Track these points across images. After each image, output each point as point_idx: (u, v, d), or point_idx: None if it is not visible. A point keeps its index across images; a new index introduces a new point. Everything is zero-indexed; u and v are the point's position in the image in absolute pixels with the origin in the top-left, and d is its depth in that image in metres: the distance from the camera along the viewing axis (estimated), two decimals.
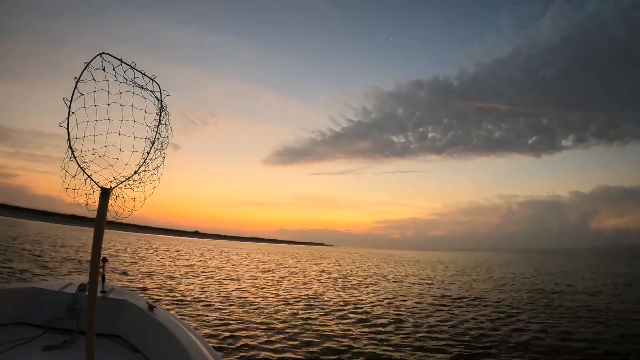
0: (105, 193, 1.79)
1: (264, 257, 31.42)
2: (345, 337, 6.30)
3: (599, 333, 7.26)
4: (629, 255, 72.35)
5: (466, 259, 52.00)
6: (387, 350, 5.78)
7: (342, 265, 26.43)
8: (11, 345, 2.38)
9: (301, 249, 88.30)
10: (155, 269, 14.52)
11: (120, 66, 1.76)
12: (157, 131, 1.94)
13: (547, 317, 8.78)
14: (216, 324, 6.54)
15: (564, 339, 6.79)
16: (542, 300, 11.47)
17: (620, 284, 16.96)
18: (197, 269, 15.94)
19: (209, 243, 76.56)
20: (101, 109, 1.75)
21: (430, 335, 6.71)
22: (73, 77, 1.68)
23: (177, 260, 20.24)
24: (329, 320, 7.53)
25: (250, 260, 25.26)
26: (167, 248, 34.32)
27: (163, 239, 77.05)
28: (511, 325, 7.80)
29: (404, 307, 9.56)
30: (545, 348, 6.18)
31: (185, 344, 2.20)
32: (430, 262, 39.26)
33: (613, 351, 6.12)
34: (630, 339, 6.84)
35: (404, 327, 7.35)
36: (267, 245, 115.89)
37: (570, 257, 61.20)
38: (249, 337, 5.92)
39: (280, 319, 7.28)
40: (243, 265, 20.94)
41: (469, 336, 6.74)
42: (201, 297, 9.10)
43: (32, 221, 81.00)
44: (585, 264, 37.13)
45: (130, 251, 23.64)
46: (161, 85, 1.94)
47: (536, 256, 74.33)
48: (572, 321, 8.35)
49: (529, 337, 6.74)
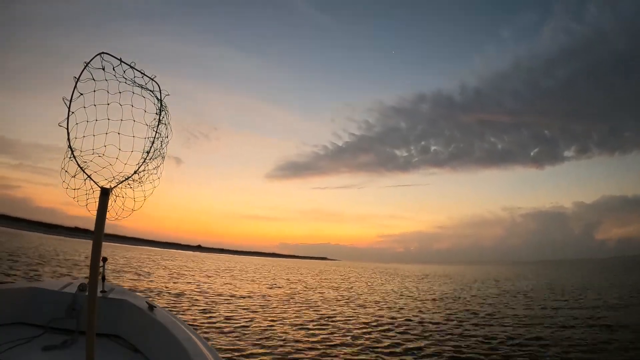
0: (105, 193, 1.79)
1: (281, 274, 28.76)
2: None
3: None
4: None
5: (479, 273, 49.83)
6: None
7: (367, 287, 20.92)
8: (11, 345, 2.37)
9: (304, 264, 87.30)
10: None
11: (120, 66, 1.77)
12: (157, 130, 1.94)
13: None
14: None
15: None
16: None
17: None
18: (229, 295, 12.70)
19: (213, 258, 75.95)
20: (101, 108, 1.77)
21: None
22: (73, 77, 1.70)
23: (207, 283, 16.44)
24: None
25: (273, 279, 22.51)
26: (177, 264, 32.97)
27: (167, 253, 76.66)
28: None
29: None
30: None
31: (185, 344, 2.19)
32: (448, 277, 36.07)
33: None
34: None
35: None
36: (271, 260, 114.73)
37: (583, 269, 59.51)
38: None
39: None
40: (264, 285, 17.94)
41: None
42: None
43: (35, 233, 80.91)
44: (602, 276, 34.92)
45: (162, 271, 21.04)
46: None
47: (545, 268, 72.44)
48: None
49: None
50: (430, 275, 41.55)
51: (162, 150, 1.97)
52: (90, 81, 1.72)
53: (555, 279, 31.02)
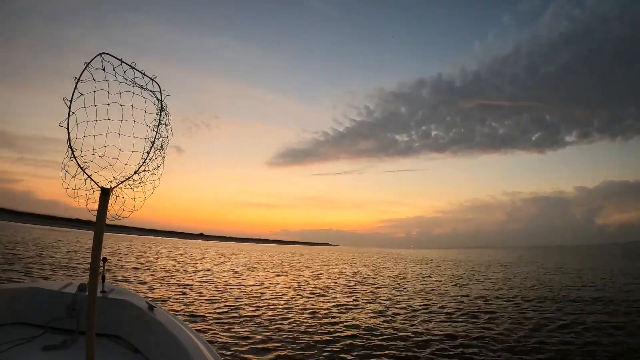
0: (105, 193, 1.80)
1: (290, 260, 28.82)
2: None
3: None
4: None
5: (484, 257, 49.00)
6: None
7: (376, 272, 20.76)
8: (11, 345, 2.38)
9: (307, 249, 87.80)
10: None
11: (121, 66, 1.77)
12: (157, 131, 1.94)
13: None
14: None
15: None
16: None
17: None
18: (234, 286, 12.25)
19: (216, 245, 76.37)
20: (101, 109, 1.76)
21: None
22: (73, 77, 1.69)
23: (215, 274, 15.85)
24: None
25: (280, 266, 22.58)
26: (183, 252, 32.77)
27: (169, 242, 77.10)
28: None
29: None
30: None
31: (185, 344, 2.20)
32: (457, 262, 35.14)
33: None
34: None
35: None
36: (273, 246, 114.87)
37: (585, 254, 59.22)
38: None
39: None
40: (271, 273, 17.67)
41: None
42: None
43: (37, 226, 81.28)
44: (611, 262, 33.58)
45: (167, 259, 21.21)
46: (163, 88, 1.95)
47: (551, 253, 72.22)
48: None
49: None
50: (456, 260, 40.53)
51: (163, 151, 1.97)
52: (91, 81, 1.72)
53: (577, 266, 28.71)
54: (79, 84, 1.70)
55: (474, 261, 37.22)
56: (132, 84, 1.84)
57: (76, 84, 1.69)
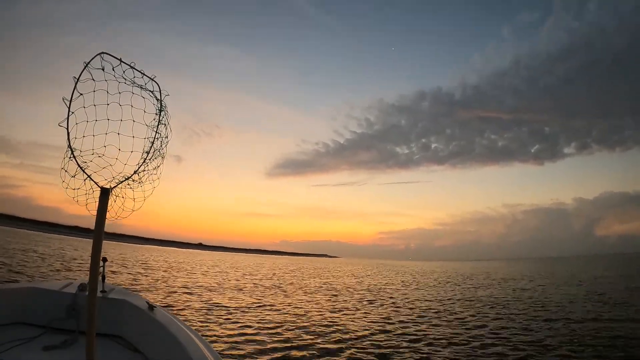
0: (104, 193, 1.80)
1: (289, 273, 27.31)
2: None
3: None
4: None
5: (491, 270, 47.54)
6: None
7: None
8: (11, 345, 2.37)
9: (306, 261, 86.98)
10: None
11: (120, 66, 1.77)
12: (157, 131, 1.94)
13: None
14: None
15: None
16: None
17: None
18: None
19: (215, 255, 75.78)
20: (101, 108, 1.77)
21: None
22: (72, 77, 1.70)
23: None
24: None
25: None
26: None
27: (168, 251, 76.62)
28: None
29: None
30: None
31: (185, 344, 2.19)
32: (469, 276, 31.32)
33: None
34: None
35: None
36: (273, 257, 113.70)
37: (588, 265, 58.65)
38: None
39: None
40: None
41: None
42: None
43: (36, 232, 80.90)
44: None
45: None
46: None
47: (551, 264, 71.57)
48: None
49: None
50: (467, 273, 37.03)
51: (162, 151, 1.97)
52: (90, 81, 1.72)
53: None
54: (78, 84, 1.71)
55: (498, 275, 32.46)
56: (132, 84, 1.84)
57: (75, 84, 1.70)
